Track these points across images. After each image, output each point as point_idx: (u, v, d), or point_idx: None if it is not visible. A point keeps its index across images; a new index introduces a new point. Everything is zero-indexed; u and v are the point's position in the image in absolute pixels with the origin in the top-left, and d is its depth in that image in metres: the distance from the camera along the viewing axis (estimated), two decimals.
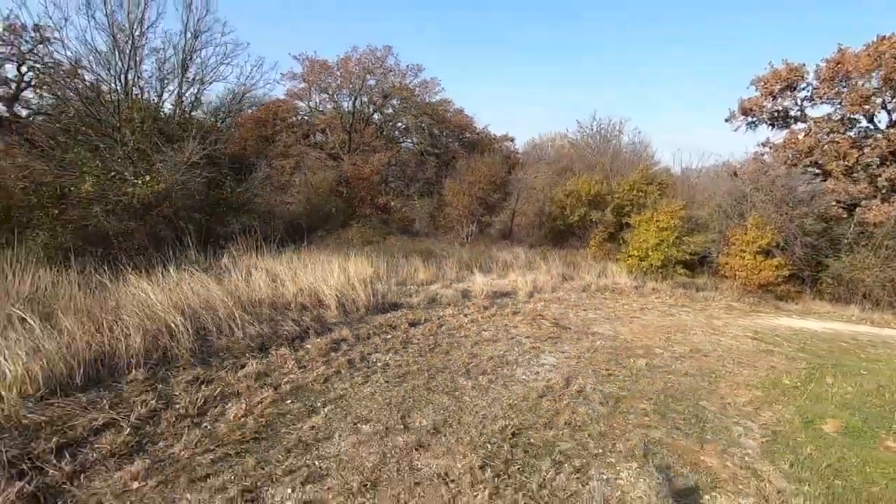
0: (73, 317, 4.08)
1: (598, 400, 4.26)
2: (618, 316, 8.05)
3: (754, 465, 3.34)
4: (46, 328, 3.73)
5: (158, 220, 10.67)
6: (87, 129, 11.66)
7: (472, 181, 14.67)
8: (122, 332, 4.08)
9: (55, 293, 4.88)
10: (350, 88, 22.37)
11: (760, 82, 17.33)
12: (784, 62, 16.97)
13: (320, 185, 17.19)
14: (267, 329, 5.03)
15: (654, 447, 3.44)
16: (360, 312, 6.19)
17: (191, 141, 11.45)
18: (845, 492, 3.13)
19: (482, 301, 7.78)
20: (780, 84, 17.10)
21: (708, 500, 2.85)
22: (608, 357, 5.64)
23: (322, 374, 4.20)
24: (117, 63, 12.36)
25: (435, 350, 5.25)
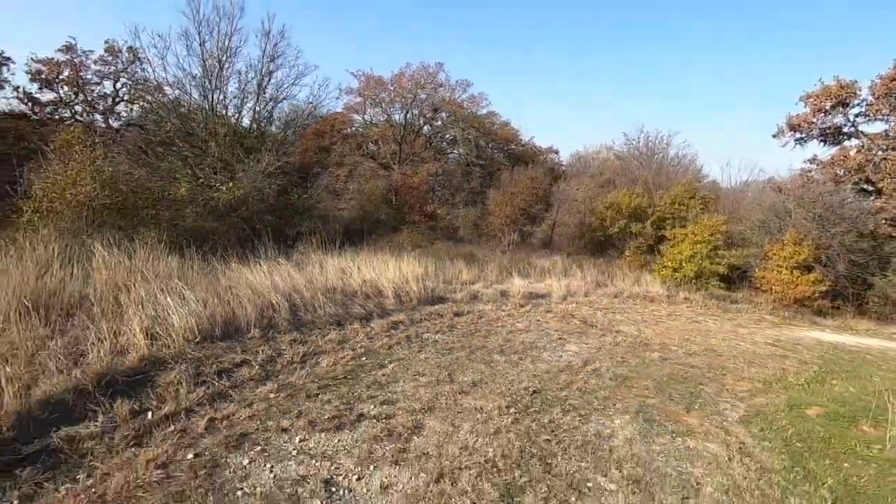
0: (203, 290, 5.52)
1: (609, 377, 5.22)
2: (644, 319, 8.84)
3: (728, 427, 4.22)
4: (191, 297, 5.15)
5: (238, 220, 12.41)
6: (181, 142, 13.68)
7: (515, 192, 15.71)
8: (238, 303, 5.47)
9: (182, 273, 6.38)
10: (402, 102, 24.02)
11: (810, 98, 17.35)
12: (835, 78, 16.96)
13: (372, 193, 18.75)
14: (340, 310, 6.32)
15: (647, 409, 4.39)
16: (412, 302, 7.40)
17: (266, 153, 13.22)
18: (801, 450, 3.96)
19: (518, 300, 8.81)
20: (830, 100, 17.10)
21: (679, 442, 3.78)
22: (626, 349, 6.54)
23: (386, 344, 5.41)
24: (207, 84, 14.38)
25: (475, 334, 6.36)
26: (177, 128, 13.89)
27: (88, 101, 22.35)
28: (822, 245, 13.03)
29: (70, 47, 21.26)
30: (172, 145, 13.73)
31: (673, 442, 3.77)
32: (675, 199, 17.14)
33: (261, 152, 13.29)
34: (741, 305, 11.98)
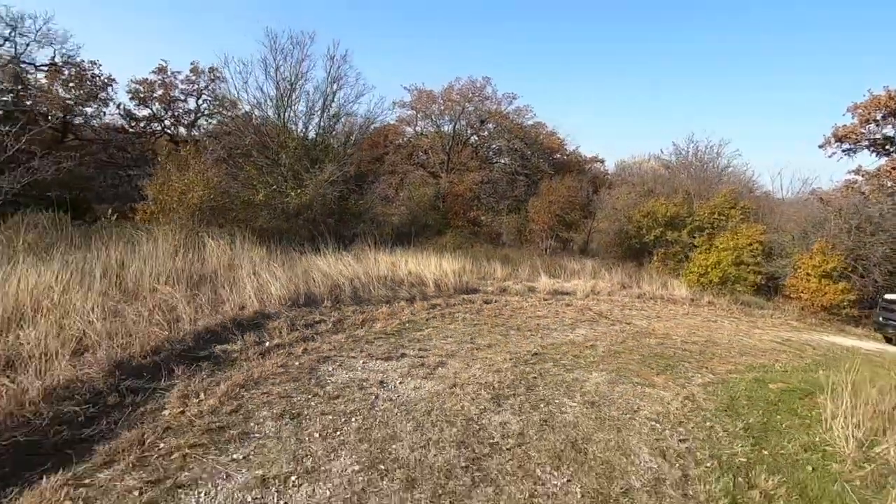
0: (288, 273, 7.36)
1: (602, 351, 6.52)
2: (658, 316, 9.93)
3: (687, 386, 5.44)
4: (281, 275, 6.98)
5: (304, 222, 14.51)
6: (257, 153, 16.06)
7: (552, 200, 16.97)
8: (314, 282, 7.26)
9: (270, 260, 8.30)
10: (451, 114, 25.83)
11: (858, 109, 17.48)
12: (885, 89, 17.06)
13: (421, 200, 20.58)
14: (390, 293, 8.00)
15: (623, 370, 5.69)
16: (449, 291, 8.97)
17: (329, 163, 15.31)
18: (742, 403, 5.13)
19: (543, 295, 10.16)
20: (880, 111, 17.18)
21: (640, 390, 5.08)
22: (629, 336, 7.76)
23: (424, 317, 7.02)
24: (280, 103, 16.76)
25: (498, 316, 7.83)
26: (254, 141, 16.32)
27: (175, 115, 25.82)
28: (861, 255, 13.39)
29: (162, 69, 24.69)
30: (250, 156, 16.16)
31: (633, 389, 5.08)
32: (715, 209, 17.74)
33: (324, 163, 15.40)
34: (768, 311, 12.63)
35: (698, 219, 17.60)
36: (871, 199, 15.07)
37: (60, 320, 4.18)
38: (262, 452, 3.00)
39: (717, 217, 17.43)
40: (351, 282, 7.79)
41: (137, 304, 5.09)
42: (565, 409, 4.26)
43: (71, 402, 3.22)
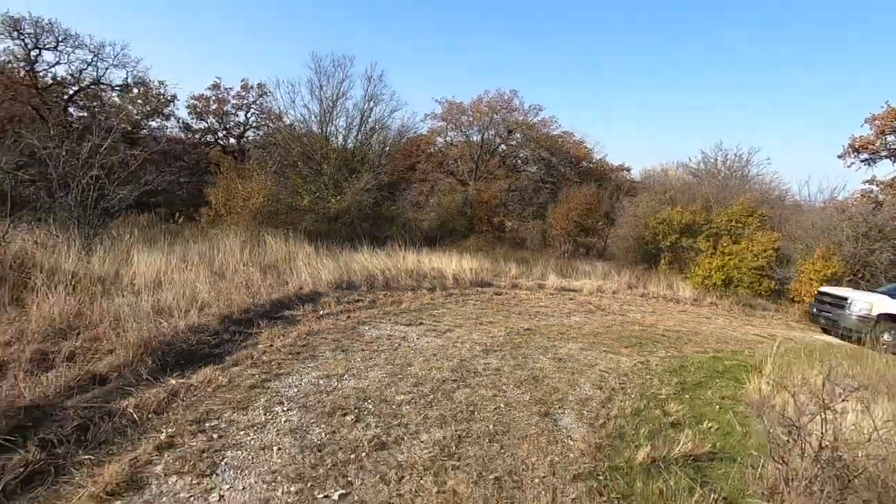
0: (333, 264, 9.23)
1: (587, 332, 8.03)
2: (654, 311, 11.26)
3: (648, 358, 6.90)
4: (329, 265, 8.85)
5: (342, 226, 16.50)
6: (302, 164, 18.23)
7: (571, 207, 18.39)
8: (353, 272, 9.09)
9: (318, 255, 10.21)
10: (480, 125, 27.57)
11: (875, 121, 18.13)
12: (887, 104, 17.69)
13: (449, 206, 22.36)
14: (414, 283, 9.76)
15: (597, 343, 7.20)
16: (465, 284, 10.65)
17: (365, 173, 17.31)
18: (690, 369, 6.55)
19: (550, 290, 11.69)
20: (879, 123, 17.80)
21: (604, 356, 6.58)
22: (617, 323, 9.20)
23: (441, 301, 8.73)
24: (323, 119, 18.93)
25: (505, 304, 9.45)
26: (299, 153, 18.54)
27: (227, 128, 28.68)
28: (869, 262, 14.22)
29: (216, 85, 27.60)
30: (295, 166, 18.38)
31: (599, 355, 6.61)
32: (732, 217, 18.70)
33: (361, 172, 17.42)
34: (770, 312, 13.65)
35: (716, 226, 18.59)
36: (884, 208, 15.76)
37: (182, 288, 6.12)
38: (324, 364, 4.78)
39: (734, 224, 18.38)
40: (382, 273, 9.59)
41: (227, 280, 7.03)
42: (538, 361, 5.86)
43: (203, 334, 5.09)
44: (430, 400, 4.20)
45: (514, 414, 4.15)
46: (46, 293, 4.97)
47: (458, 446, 3.44)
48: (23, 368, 3.57)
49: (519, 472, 3.21)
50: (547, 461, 3.40)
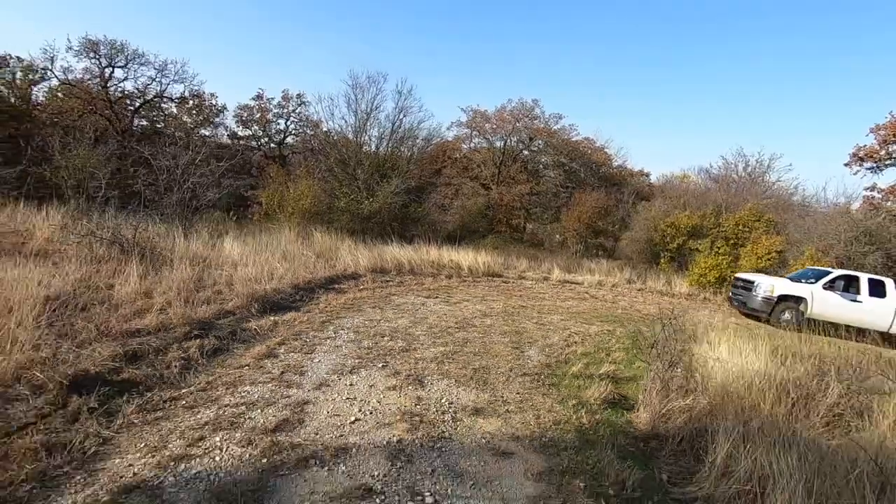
0: (368, 253, 11.52)
1: (572, 310, 10.03)
2: (644, 301, 13.10)
3: (615, 328, 8.86)
4: (366, 254, 11.13)
5: (374, 225, 18.85)
6: (338, 169, 20.72)
7: (582, 210, 20.26)
8: (385, 261, 11.36)
9: (356, 247, 12.53)
10: (503, 132, 29.66)
11: (879, 131, 19.33)
12: None
13: (471, 209, 24.51)
14: (434, 271, 11.96)
15: (578, 317, 9.20)
16: (478, 274, 12.79)
17: (395, 178, 19.65)
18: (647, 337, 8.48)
19: (553, 282, 13.69)
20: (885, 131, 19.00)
21: (578, 325, 8.59)
22: (603, 307, 11.15)
23: (456, 285, 10.89)
24: (358, 129, 21.40)
25: (509, 290, 11.54)
26: (336, 159, 21.06)
27: (268, 135, 31.62)
28: (862, 264, 15.63)
29: (259, 96, 30.54)
30: (333, 171, 20.89)
31: (575, 324, 8.62)
32: (740, 221, 20.23)
33: (391, 178, 19.76)
34: None
35: (724, 230, 20.14)
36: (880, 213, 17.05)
37: (261, 265, 8.49)
38: (366, 314, 7.03)
39: (741, 229, 19.90)
40: (409, 262, 11.84)
41: (291, 261, 9.40)
42: (523, 323, 7.95)
43: (282, 295, 7.41)
44: (438, 335, 6.39)
45: (494, 346, 6.28)
46: (176, 265, 7.39)
47: (453, 355, 5.60)
48: (183, 304, 5.92)
49: (489, 368, 5.34)
50: (508, 367, 5.51)
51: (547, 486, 3.11)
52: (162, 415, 3.45)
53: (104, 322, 4.79)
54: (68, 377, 3.57)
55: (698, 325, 8.16)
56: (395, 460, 3.13)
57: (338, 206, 18.55)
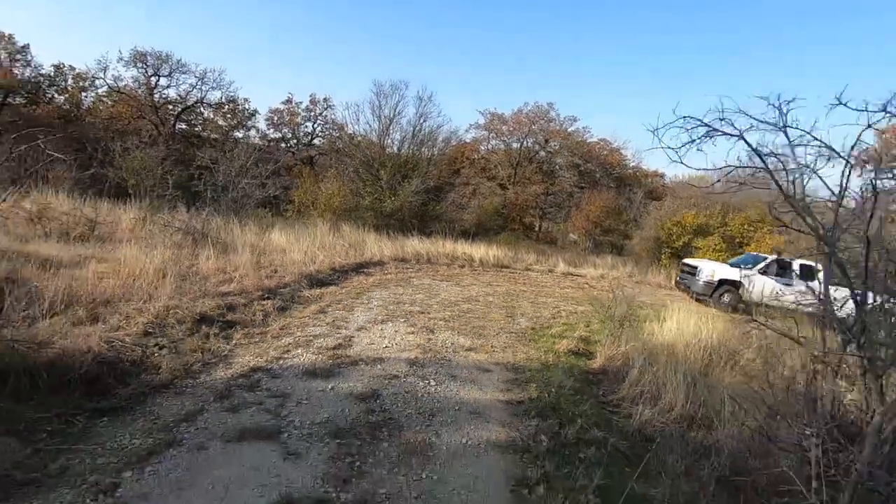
0: (390, 245, 13.36)
1: (567, 295, 11.65)
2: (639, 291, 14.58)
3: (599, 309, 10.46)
4: (389, 246, 12.97)
5: (395, 221, 20.71)
6: (363, 170, 22.65)
7: (590, 210, 21.76)
8: (405, 251, 13.18)
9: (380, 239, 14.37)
10: (519, 134, 31.23)
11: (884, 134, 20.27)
12: None
13: (487, 208, 26.20)
14: (449, 261, 13.75)
15: (570, 300, 10.84)
16: (488, 265, 14.51)
17: (415, 178, 21.48)
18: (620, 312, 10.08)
19: (557, 274, 15.30)
20: None
21: (569, 305, 10.23)
22: (597, 293, 12.72)
23: (468, 272, 12.66)
24: (381, 133, 23.31)
25: (513, 278, 13.23)
26: (361, 161, 23.00)
27: (297, 136, 33.82)
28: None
29: (289, 100, 32.74)
30: (358, 172, 22.85)
31: (566, 304, 10.27)
32: (745, 220, 21.50)
33: (411, 178, 21.60)
34: None
35: (730, 229, 21.42)
36: None
37: (303, 253, 10.38)
38: (391, 291, 8.85)
39: (746, 228, 21.16)
40: (426, 253, 13.64)
41: (327, 249, 11.28)
42: (520, 302, 9.65)
43: (323, 275, 9.27)
44: (447, 306, 8.17)
45: (492, 314, 8.03)
46: (240, 250, 9.32)
47: (457, 318, 7.37)
48: (252, 277, 7.80)
49: (484, 327, 7.08)
50: (500, 327, 7.25)
51: (511, 384, 4.85)
52: (259, 340, 5.30)
53: (201, 287, 6.70)
54: (196, 314, 5.45)
55: (666, 306, 9.70)
56: (411, 366, 4.91)
57: (363, 204, 20.48)
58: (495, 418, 3.99)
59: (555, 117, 30.79)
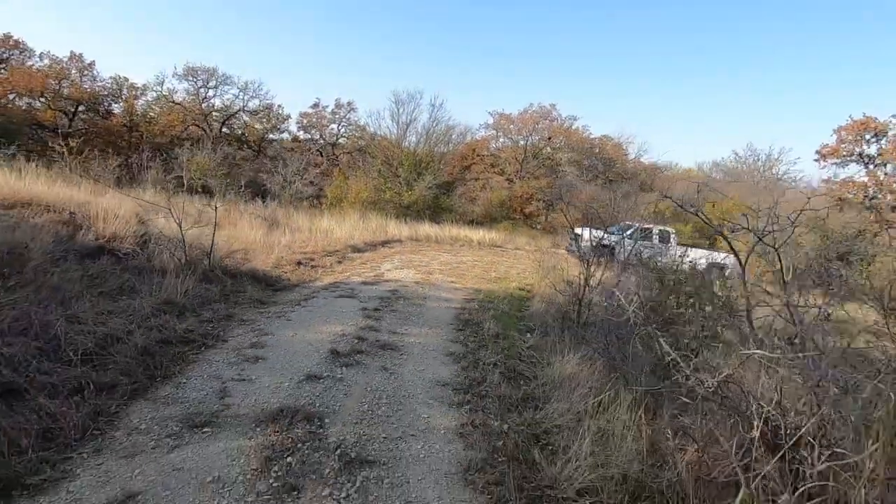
0: (407, 229, 17.82)
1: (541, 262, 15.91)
2: None
3: None
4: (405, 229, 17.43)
5: (411, 212, 25.16)
6: (383, 167, 27.18)
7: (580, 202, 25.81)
8: (418, 233, 17.62)
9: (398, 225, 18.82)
10: (525, 132, 35.33)
11: (841, 132, 23.86)
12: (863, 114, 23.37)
13: (493, 200, 30.45)
14: (452, 241, 18.13)
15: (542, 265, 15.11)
16: (484, 245, 18.85)
17: (429, 174, 25.90)
18: None
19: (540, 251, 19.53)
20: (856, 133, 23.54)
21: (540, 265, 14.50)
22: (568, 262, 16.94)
23: (466, 250, 17.07)
24: (399, 135, 27.78)
25: (502, 253, 17.55)
26: (382, 160, 27.53)
27: (324, 137, 38.48)
28: None
29: (316, 105, 37.42)
30: (380, 170, 27.39)
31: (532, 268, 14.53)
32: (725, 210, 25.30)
33: (425, 175, 26.00)
34: None
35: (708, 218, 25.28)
36: None
37: (342, 232, 14.90)
38: (406, 256, 13.33)
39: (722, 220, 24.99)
40: (435, 235, 18.07)
41: (359, 230, 15.79)
42: (499, 265, 13.98)
43: (359, 246, 13.78)
44: (443, 264, 12.59)
45: (474, 270, 12.42)
46: (304, 230, 13.86)
47: (449, 270, 11.80)
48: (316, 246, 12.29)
49: (465, 274, 11.47)
50: (476, 276, 11.63)
51: (471, 294, 9.24)
52: (332, 272, 9.80)
53: (290, 249, 11.23)
54: (296, 260, 9.99)
55: None
56: (416, 284, 9.37)
57: (384, 198, 25.00)
58: (456, 301, 8.40)
59: (557, 116, 34.85)
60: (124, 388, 3.81)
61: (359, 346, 5.28)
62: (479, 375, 4.85)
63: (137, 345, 4.49)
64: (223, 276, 7.50)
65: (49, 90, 27.89)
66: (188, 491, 2.69)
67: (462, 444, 3.51)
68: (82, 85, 30.01)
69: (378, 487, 2.91)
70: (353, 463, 3.08)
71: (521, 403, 4.30)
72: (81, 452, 2.98)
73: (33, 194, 8.39)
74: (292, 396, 3.89)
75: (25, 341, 4.17)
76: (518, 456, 3.36)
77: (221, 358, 4.63)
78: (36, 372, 3.77)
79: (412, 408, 4.02)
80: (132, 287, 6.25)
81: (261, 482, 2.79)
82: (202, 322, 5.57)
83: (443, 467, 3.21)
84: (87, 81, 30.88)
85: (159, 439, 3.18)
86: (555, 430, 3.73)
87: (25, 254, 5.81)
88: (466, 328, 6.66)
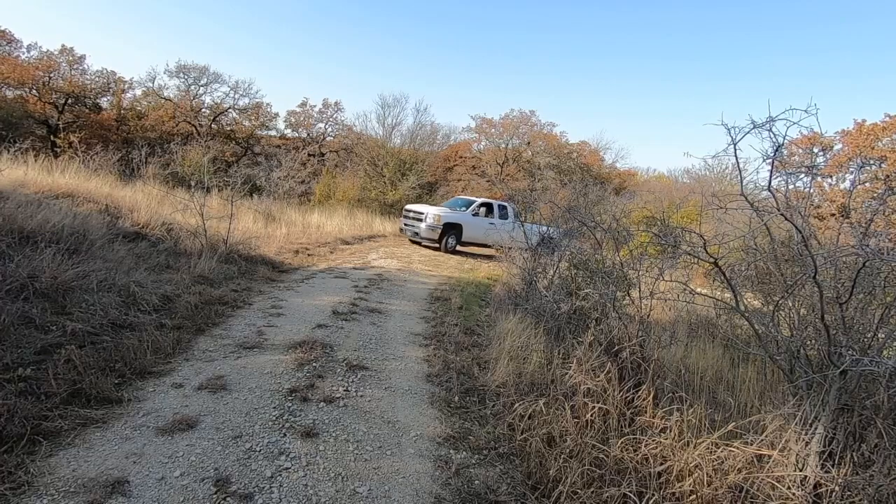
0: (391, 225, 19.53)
1: None
2: None
3: None
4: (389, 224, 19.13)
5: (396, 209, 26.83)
6: (369, 167, 28.81)
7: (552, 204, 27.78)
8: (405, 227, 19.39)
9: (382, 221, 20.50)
10: (505, 136, 37.25)
11: (791, 145, 26.23)
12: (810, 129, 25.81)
13: None
14: None
15: None
16: None
17: (412, 175, 27.61)
18: None
19: None
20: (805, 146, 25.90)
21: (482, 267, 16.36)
22: None
23: None
24: (385, 137, 29.43)
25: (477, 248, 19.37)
26: (368, 160, 29.16)
27: (312, 136, 39.88)
28: None
29: (304, 104, 38.84)
30: (366, 169, 29.00)
31: None
32: (684, 216, 27.47)
33: (409, 175, 27.69)
34: None
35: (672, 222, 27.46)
36: None
37: (332, 227, 16.55)
38: (391, 247, 15.05)
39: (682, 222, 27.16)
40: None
41: (347, 225, 17.44)
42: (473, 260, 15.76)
43: (347, 239, 15.46)
44: (422, 256, 14.32)
45: (449, 262, 14.16)
46: (296, 223, 15.48)
47: (426, 262, 13.54)
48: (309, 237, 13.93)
49: (441, 265, 13.24)
50: (452, 266, 13.39)
51: (444, 280, 11.00)
52: (326, 259, 11.49)
53: (288, 239, 12.86)
54: (294, 249, 11.65)
55: None
56: (398, 272, 11.11)
57: (370, 196, 26.65)
58: (431, 284, 10.16)
59: (536, 122, 36.86)
60: (189, 328, 5.50)
61: (353, 309, 7.03)
62: (443, 331, 6.64)
63: (190, 303, 6.17)
64: (238, 258, 9.15)
65: (38, 82, 28.83)
66: (254, 375, 4.40)
67: (427, 365, 5.30)
68: (72, 78, 31.01)
69: (371, 379, 4.67)
70: (354, 368, 4.84)
71: (471, 347, 6.09)
72: (177, 359, 4.67)
73: (71, 187, 9.91)
74: (309, 335, 5.62)
75: (111, 296, 5.82)
76: (463, 371, 5.15)
77: (251, 314, 6.33)
78: (127, 314, 5.45)
79: (393, 345, 5.80)
80: (168, 264, 7.90)
81: (299, 372, 4.52)
82: (231, 290, 7.25)
83: (412, 374, 5.00)
84: (77, 75, 31.87)
85: (226, 354, 4.88)
86: (492, 361, 5.52)
87: (87, 235, 7.41)
88: (437, 302, 8.45)
